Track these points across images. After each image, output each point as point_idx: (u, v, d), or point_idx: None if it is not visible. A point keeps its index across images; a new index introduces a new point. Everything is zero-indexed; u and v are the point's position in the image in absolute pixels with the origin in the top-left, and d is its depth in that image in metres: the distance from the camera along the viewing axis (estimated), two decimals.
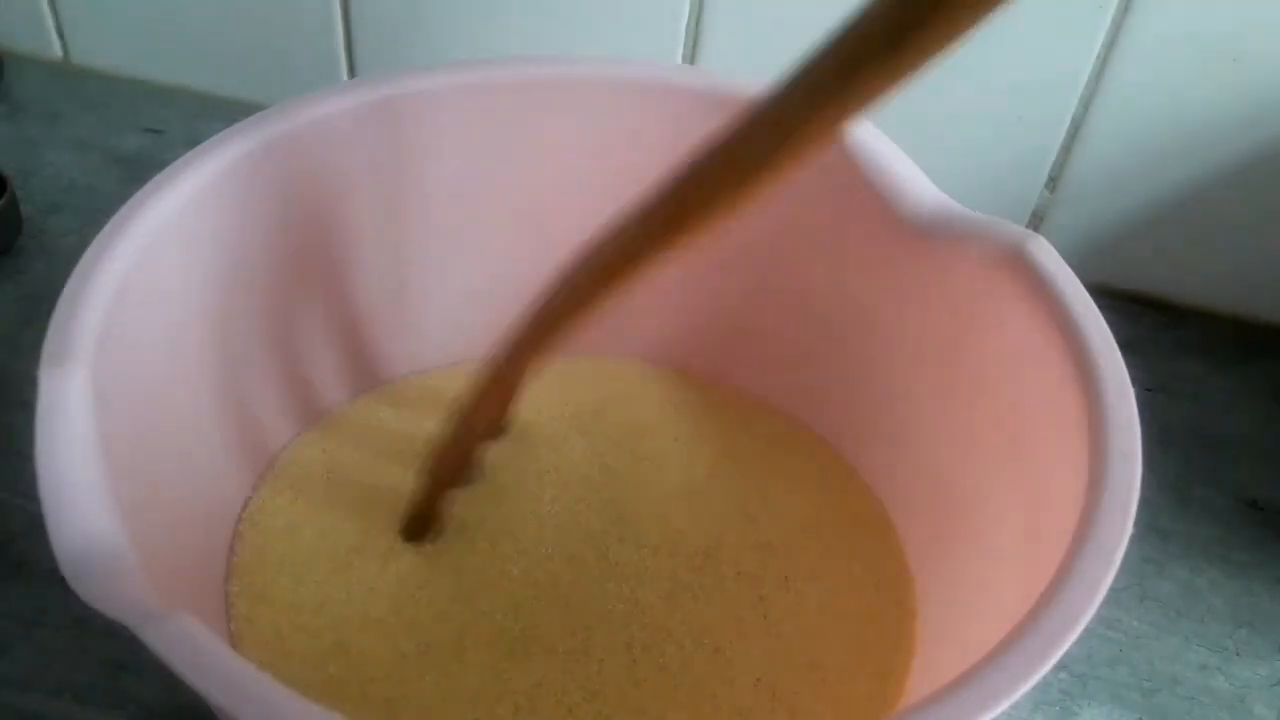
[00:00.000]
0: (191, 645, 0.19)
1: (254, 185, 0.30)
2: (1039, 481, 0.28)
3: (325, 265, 0.34)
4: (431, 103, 0.32)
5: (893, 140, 0.32)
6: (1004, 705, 0.20)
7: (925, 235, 0.31)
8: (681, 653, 0.31)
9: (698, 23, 0.45)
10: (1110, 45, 0.41)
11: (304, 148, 0.31)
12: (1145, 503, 0.23)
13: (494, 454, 0.34)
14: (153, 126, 0.52)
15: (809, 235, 0.35)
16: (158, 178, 0.28)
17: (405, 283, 0.36)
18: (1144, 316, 0.47)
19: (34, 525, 0.35)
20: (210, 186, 0.29)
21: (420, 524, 0.32)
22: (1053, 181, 0.46)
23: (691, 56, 0.46)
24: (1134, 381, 0.26)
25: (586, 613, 0.32)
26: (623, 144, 0.34)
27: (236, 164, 0.29)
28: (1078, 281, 0.28)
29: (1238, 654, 0.35)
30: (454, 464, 0.31)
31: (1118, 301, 0.46)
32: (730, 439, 0.37)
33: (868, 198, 0.31)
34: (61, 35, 0.54)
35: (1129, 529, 0.23)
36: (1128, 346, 0.26)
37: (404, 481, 0.34)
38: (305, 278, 0.34)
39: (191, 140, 0.50)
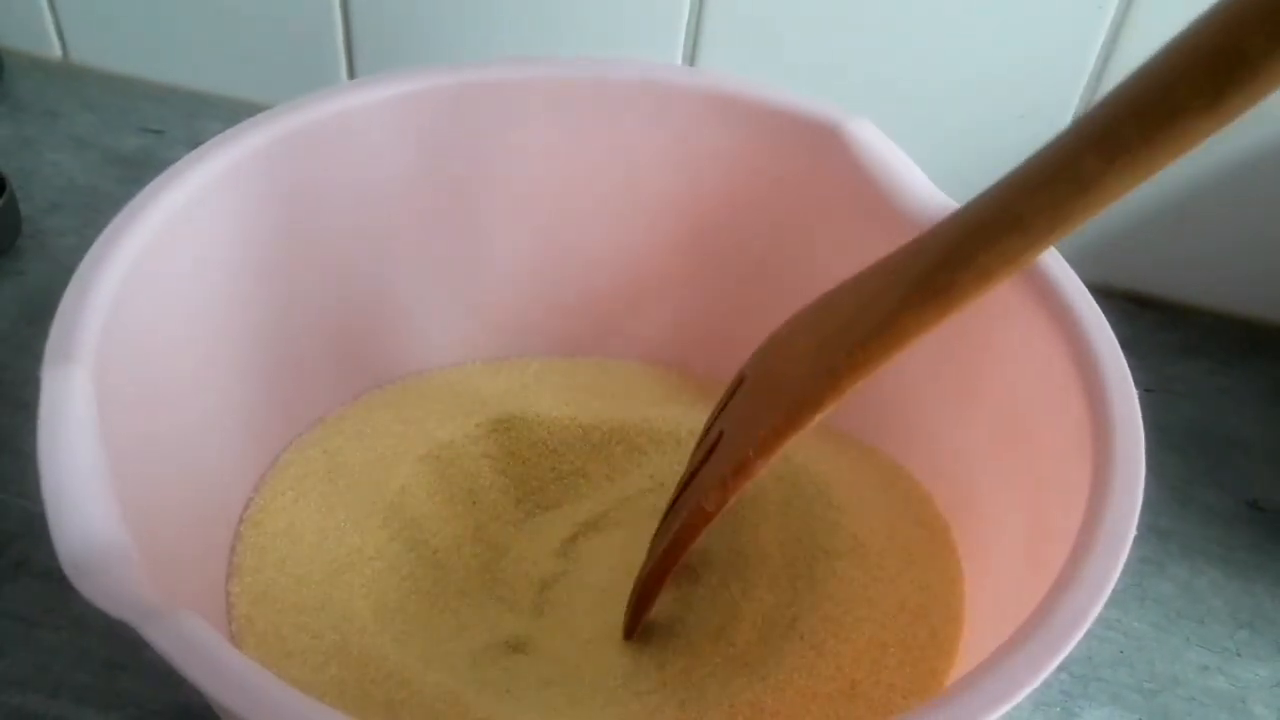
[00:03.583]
0: (194, 643, 0.19)
1: (256, 186, 0.30)
2: (1041, 482, 0.28)
3: (327, 266, 0.34)
4: (434, 103, 0.32)
5: (894, 141, 0.32)
6: (1008, 706, 0.20)
7: None
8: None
9: (698, 23, 0.45)
10: (1112, 44, 0.41)
11: (306, 149, 0.31)
12: (1146, 503, 0.23)
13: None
14: (152, 126, 0.52)
15: (810, 236, 0.35)
16: (160, 178, 0.28)
17: (407, 284, 0.36)
18: (1144, 316, 0.47)
19: (34, 525, 0.35)
20: (213, 187, 0.29)
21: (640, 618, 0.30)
22: None
23: (691, 57, 0.46)
24: (1134, 382, 0.26)
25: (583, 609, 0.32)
26: (624, 146, 0.34)
27: (239, 164, 0.29)
28: (1080, 283, 0.28)
29: (1238, 655, 0.35)
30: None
31: (1118, 301, 0.46)
32: None
33: (869, 198, 0.31)
34: (61, 35, 0.53)
35: (1132, 531, 0.23)
36: (1128, 346, 0.26)
37: (404, 482, 0.34)
38: (307, 279, 0.34)
39: (191, 140, 0.51)
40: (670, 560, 0.28)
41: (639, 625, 0.31)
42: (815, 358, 0.22)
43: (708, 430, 0.29)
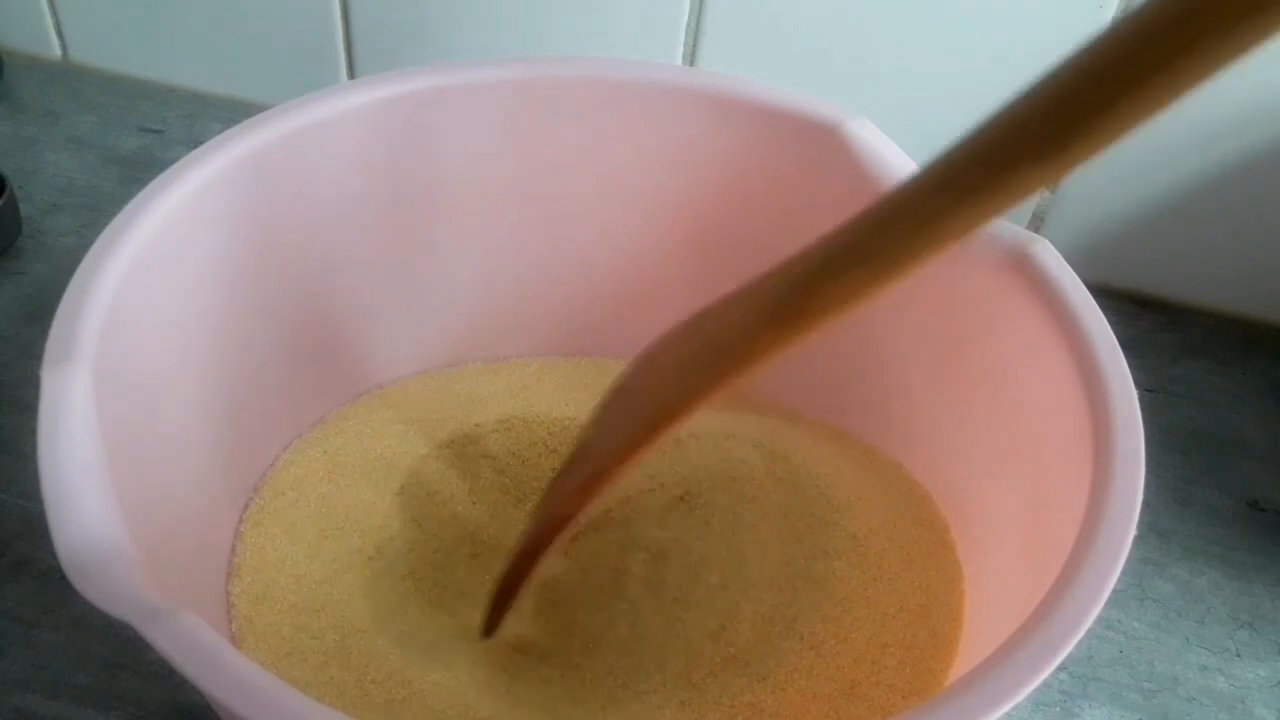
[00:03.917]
0: (194, 642, 0.19)
1: (256, 185, 0.30)
2: (1042, 483, 0.28)
3: (327, 266, 0.34)
4: (434, 103, 0.32)
5: (895, 141, 0.32)
6: (1008, 706, 0.20)
7: None
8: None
9: (698, 23, 0.45)
10: None
11: (305, 149, 0.31)
12: (1146, 504, 0.23)
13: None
14: (151, 126, 0.52)
15: (810, 235, 0.35)
16: (159, 178, 0.28)
17: (407, 284, 0.36)
18: (1144, 316, 0.47)
19: (34, 525, 0.35)
20: (213, 187, 0.29)
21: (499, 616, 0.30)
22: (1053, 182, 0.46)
23: (691, 57, 0.46)
24: (1134, 382, 0.26)
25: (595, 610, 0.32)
26: (623, 145, 0.34)
27: (239, 164, 0.29)
28: (1081, 284, 0.28)
29: (1238, 655, 0.35)
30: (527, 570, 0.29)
31: (1118, 301, 0.46)
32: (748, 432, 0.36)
33: (870, 198, 0.31)
34: (60, 35, 0.53)
35: (1132, 531, 0.23)
36: (1128, 346, 0.26)
37: (404, 483, 0.34)
38: (307, 278, 0.34)
39: (190, 140, 0.51)
40: (528, 561, 0.28)
41: (498, 624, 0.30)
42: (675, 374, 0.24)
43: (579, 439, 0.29)
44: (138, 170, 0.49)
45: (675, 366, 0.24)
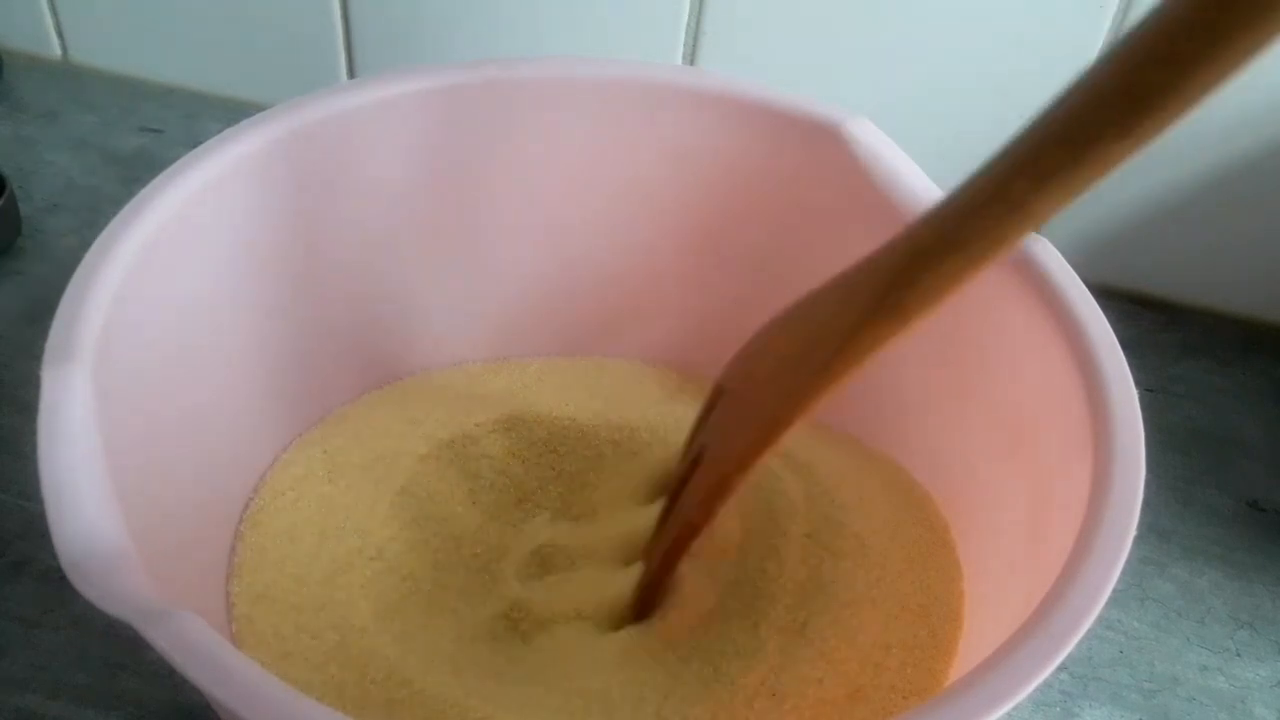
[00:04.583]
0: (194, 642, 0.19)
1: (256, 186, 0.30)
2: (1041, 483, 0.28)
3: (327, 265, 0.34)
4: (436, 103, 0.32)
5: (895, 141, 0.32)
6: (1008, 706, 0.20)
7: None
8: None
9: (698, 23, 0.45)
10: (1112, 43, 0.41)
11: (306, 148, 0.31)
12: (1146, 503, 0.23)
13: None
14: (151, 126, 0.52)
15: (809, 235, 0.35)
16: (160, 178, 0.28)
17: (408, 283, 0.36)
18: (1144, 316, 0.47)
19: (34, 525, 0.35)
20: (213, 187, 0.29)
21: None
22: None
23: (692, 57, 0.46)
24: (1134, 382, 0.26)
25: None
26: (624, 146, 0.34)
27: (239, 164, 0.29)
28: (1080, 283, 0.28)
29: (1238, 655, 0.35)
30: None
31: (1118, 301, 0.46)
32: None
33: (869, 198, 0.31)
34: (60, 34, 0.53)
35: (1132, 531, 0.23)
36: (1128, 346, 0.26)
37: (404, 483, 0.34)
38: (307, 278, 0.34)
39: (190, 140, 0.51)
40: (664, 571, 0.29)
41: (644, 616, 0.31)
42: (783, 377, 0.24)
43: (690, 442, 0.30)
44: (138, 170, 0.49)
45: (779, 369, 0.24)
